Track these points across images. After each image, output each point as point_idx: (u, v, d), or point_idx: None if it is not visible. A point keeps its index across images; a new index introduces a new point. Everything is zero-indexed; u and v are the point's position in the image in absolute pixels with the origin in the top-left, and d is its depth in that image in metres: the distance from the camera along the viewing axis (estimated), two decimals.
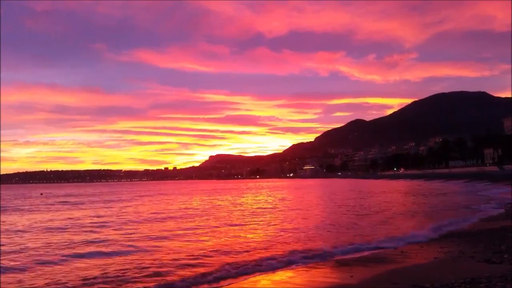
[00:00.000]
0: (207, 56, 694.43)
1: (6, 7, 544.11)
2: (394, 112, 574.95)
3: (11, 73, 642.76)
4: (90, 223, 23.64)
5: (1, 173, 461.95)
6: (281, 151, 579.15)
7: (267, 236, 17.42)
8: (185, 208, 33.60)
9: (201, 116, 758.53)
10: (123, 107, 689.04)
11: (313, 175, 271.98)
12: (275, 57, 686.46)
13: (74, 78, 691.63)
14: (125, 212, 31.00)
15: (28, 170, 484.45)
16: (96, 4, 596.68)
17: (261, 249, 14.11)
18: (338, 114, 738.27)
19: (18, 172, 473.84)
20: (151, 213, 29.47)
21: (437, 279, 8.92)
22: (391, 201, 36.61)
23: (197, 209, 33.13)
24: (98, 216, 28.16)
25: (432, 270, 10.33)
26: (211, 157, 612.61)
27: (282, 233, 17.96)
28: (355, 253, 13.27)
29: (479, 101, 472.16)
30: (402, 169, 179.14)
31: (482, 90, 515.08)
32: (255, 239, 16.61)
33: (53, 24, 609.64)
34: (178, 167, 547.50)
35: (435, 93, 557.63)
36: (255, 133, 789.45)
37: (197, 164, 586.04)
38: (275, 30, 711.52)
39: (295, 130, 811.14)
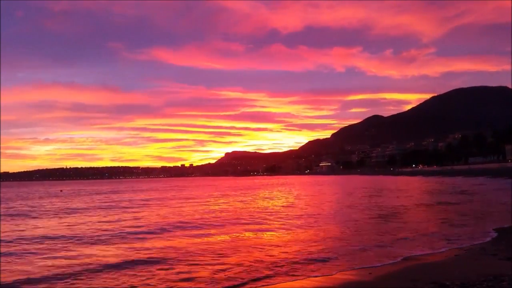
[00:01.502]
0: (223, 54, 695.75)
1: (25, 8, 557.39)
2: (412, 108, 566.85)
3: (31, 72, 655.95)
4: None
5: (22, 170, 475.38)
6: (297, 148, 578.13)
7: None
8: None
9: (217, 113, 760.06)
10: (140, 105, 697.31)
11: (330, 172, 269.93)
12: (290, 54, 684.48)
13: (92, 77, 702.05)
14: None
15: (48, 167, 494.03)
16: (113, 4, 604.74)
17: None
18: (354, 110, 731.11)
19: (38, 169, 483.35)
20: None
21: (457, 277, 8.79)
22: (424, 200, 34.25)
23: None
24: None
25: (453, 267, 10.17)
26: (227, 154, 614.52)
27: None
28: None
29: (500, 96, 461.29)
30: (420, 166, 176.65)
31: (503, 85, 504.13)
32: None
33: (70, 24, 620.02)
34: (194, 164, 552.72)
35: (454, 88, 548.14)
36: (270, 130, 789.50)
37: (213, 161, 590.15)
38: (290, 26, 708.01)
39: (311, 127, 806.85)
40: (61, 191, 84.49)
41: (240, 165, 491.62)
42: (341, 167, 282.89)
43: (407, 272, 9.97)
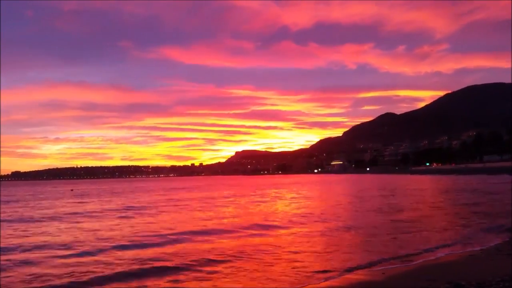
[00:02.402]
0: (232, 52, 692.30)
1: (35, 8, 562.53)
2: (426, 105, 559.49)
3: (41, 72, 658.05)
4: None
5: (33, 169, 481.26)
6: (307, 147, 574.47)
7: None
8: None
9: (227, 112, 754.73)
10: (150, 104, 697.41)
11: (341, 170, 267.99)
12: (300, 51, 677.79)
13: (102, 76, 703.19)
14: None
15: (59, 167, 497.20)
16: (122, 3, 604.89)
17: None
18: (367, 107, 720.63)
19: (49, 169, 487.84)
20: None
21: (473, 276, 8.61)
22: (439, 200, 33.12)
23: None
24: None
25: (468, 266, 9.99)
26: (237, 152, 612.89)
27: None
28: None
29: None
30: (434, 164, 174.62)
31: None
32: None
33: (80, 24, 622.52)
34: (204, 163, 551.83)
35: (468, 85, 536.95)
36: (281, 128, 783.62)
37: (223, 160, 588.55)
38: (300, 23, 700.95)
39: (322, 125, 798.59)
40: (71, 190, 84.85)
41: (250, 164, 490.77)
42: (353, 165, 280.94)
43: (421, 271, 9.81)
